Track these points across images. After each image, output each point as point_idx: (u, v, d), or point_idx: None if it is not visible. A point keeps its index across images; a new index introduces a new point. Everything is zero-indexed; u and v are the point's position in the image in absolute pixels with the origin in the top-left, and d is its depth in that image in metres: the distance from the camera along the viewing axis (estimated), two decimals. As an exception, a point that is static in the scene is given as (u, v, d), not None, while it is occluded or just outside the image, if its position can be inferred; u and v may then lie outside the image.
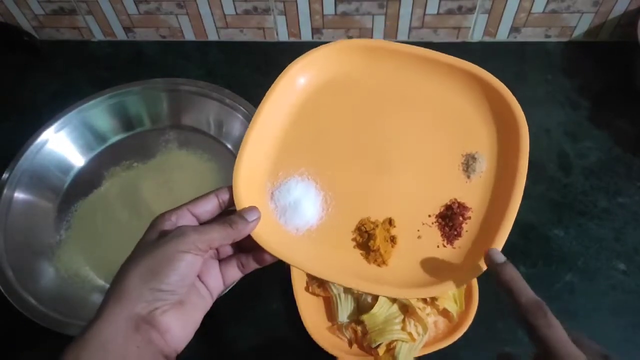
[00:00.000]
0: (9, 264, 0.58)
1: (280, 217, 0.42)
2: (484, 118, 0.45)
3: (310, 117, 0.46)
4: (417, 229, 0.41)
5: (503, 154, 0.43)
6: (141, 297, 0.33)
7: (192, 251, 0.35)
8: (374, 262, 0.40)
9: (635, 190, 0.64)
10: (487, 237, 0.39)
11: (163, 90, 0.72)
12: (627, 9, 0.73)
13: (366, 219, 0.41)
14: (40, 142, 0.67)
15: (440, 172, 0.43)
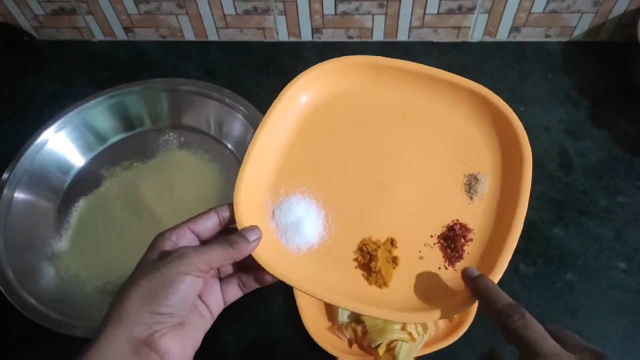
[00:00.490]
0: (8, 264, 0.58)
1: (282, 236, 0.41)
2: (487, 138, 0.45)
3: (311, 135, 0.46)
4: (419, 250, 0.41)
5: (506, 176, 0.43)
6: (140, 320, 0.33)
7: (193, 273, 0.34)
8: (375, 283, 0.39)
9: (635, 190, 0.64)
10: (488, 260, 0.38)
11: (163, 90, 0.72)
12: (627, 9, 0.73)
13: (368, 239, 0.41)
14: (41, 142, 0.67)
15: (442, 192, 0.43)
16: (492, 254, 0.39)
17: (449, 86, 0.46)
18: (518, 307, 0.34)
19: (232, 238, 0.38)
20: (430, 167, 0.44)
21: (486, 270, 0.38)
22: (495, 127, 0.45)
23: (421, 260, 0.40)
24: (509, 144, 0.43)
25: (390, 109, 0.47)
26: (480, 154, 0.44)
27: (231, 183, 0.66)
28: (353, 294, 0.38)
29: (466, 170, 0.43)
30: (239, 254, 0.37)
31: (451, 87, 0.46)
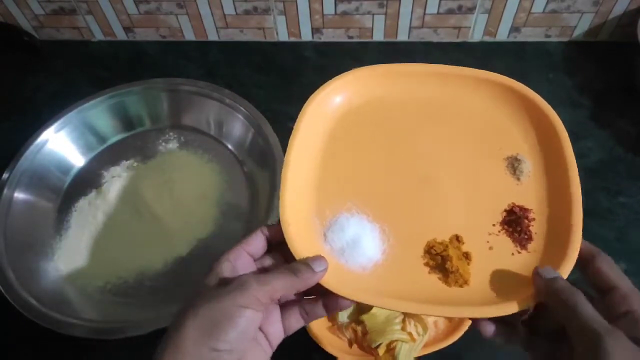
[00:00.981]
0: (9, 264, 0.58)
1: (340, 258, 0.39)
2: (517, 123, 0.45)
3: (343, 146, 0.45)
4: (487, 241, 0.39)
5: (544, 151, 0.43)
6: (199, 356, 0.31)
7: (253, 306, 0.32)
8: (455, 283, 0.37)
9: (636, 190, 0.64)
10: (559, 234, 0.38)
11: (163, 90, 0.72)
12: (627, 9, 0.73)
13: (433, 241, 0.39)
14: (41, 142, 0.67)
15: (489, 179, 0.42)
16: (561, 228, 0.38)
17: (473, 81, 0.46)
18: (616, 331, 0.30)
19: (296, 266, 0.35)
20: (470, 157, 0.44)
21: (560, 246, 0.37)
22: (522, 111, 0.45)
23: (491, 250, 0.39)
24: (539, 124, 0.44)
25: (421, 109, 0.47)
26: (514, 137, 0.44)
27: (231, 183, 0.67)
28: (435, 300, 0.36)
29: (504, 153, 0.43)
30: (303, 283, 0.35)
31: (475, 81, 0.46)
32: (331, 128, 0.46)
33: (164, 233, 0.62)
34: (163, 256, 0.61)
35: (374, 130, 0.46)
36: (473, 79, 0.46)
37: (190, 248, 0.61)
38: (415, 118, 0.46)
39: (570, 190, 0.39)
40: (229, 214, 0.64)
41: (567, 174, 0.40)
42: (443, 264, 0.38)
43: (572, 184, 0.39)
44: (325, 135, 0.45)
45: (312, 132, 0.44)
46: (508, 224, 0.40)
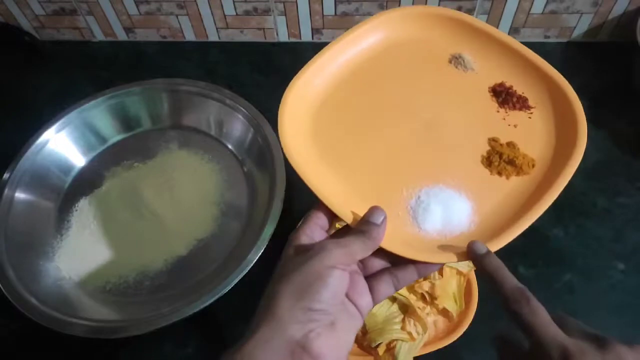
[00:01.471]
0: (9, 264, 0.58)
1: (447, 234, 0.39)
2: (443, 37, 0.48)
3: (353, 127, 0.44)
4: (508, 124, 0.43)
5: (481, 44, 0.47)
6: (294, 318, 0.32)
7: (339, 265, 0.34)
8: (529, 167, 0.41)
9: (634, 191, 0.64)
10: (545, 81, 0.45)
11: (163, 91, 0.72)
12: (626, 10, 0.73)
13: (487, 155, 0.41)
14: (41, 142, 0.67)
15: (459, 83, 0.46)
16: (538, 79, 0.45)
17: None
18: (525, 291, 0.35)
19: (362, 229, 0.36)
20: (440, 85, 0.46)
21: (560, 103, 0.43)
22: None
23: (517, 127, 0.43)
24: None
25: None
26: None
27: (231, 183, 0.67)
28: (533, 195, 0.39)
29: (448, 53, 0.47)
30: (375, 241, 0.36)
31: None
32: (312, 127, 0.44)
33: (164, 233, 0.62)
34: (163, 256, 0.61)
35: (352, 105, 0.45)
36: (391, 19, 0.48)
37: (190, 248, 0.62)
38: (376, 77, 0.46)
39: (524, 55, 0.46)
40: (229, 213, 0.64)
41: (511, 47, 0.46)
42: (512, 163, 0.40)
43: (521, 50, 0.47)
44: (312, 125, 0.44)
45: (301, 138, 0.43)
46: (504, 103, 0.44)
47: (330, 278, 0.33)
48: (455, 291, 0.53)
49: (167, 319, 0.52)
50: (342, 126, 0.44)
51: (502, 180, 0.40)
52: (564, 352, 0.31)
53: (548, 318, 0.33)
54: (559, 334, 0.33)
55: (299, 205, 0.63)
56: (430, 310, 0.53)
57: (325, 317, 0.33)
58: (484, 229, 0.38)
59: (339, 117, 0.44)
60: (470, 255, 0.37)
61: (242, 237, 0.62)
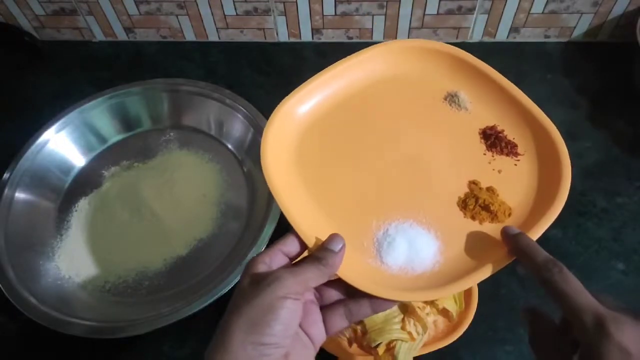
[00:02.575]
0: (9, 264, 0.58)
1: (405, 273, 0.38)
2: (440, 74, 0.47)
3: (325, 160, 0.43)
4: (492, 168, 0.42)
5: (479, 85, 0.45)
6: (246, 354, 0.31)
7: (291, 295, 0.33)
8: (505, 215, 0.39)
9: (633, 191, 0.64)
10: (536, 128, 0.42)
11: (163, 91, 0.72)
12: (626, 10, 0.73)
13: (464, 198, 0.40)
14: (41, 142, 0.67)
15: (450, 122, 0.44)
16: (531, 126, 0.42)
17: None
18: (557, 262, 0.35)
19: (318, 255, 0.36)
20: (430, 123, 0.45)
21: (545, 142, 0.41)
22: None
23: (501, 173, 0.41)
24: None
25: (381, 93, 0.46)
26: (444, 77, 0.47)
27: (231, 183, 0.67)
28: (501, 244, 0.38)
29: (442, 94, 0.46)
30: (331, 269, 0.35)
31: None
32: (296, 153, 0.43)
33: (164, 233, 0.62)
34: (163, 256, 0.61)
35: (339, 134, 0.44)
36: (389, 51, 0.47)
37: (189, 248, 0.62)
38: (366, 108, 0.45)
39: (519, 100, 0.43)
40: (229, 213, 0.64)
41: (506, 91, 0.44)
42: (487, 209, 0.39)
43: (516, 95, 0.43)
44: (294, 157, 0.43)
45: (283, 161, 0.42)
46: (492, 146, 0.42)
47: (282, 310, 0.32)
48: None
49: (166, 319, 0.52)
50: (326, 153, 0.43)
51: (475, 224, 0.39)
52: (599, 317, 0.31)
53: (581, 286, 0.33)
54: (592, 301, 0.32)
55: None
56: (430, 310, 0.53)
57: (277, 350, 0.32)
58: (447, 271, 0.37)
59: (324, 144, 0.43)
60: (504, 238, 0.38)
61: (241, 237, 0.62)
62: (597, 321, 0.31)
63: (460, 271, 0.37)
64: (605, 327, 0.30)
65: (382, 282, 0.36)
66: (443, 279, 0.36)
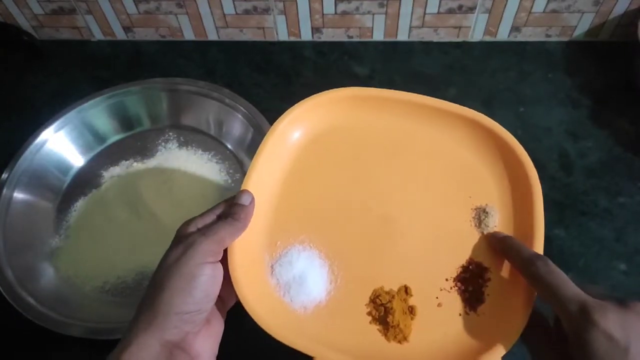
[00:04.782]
0: (8, 264, 0.58)
1: (285, 295, 0.38)
2: (491, 168, 0.42)
3: (304, 177, 0.43)
4: (436, 296, 0.38)
5: (515, 206, 0.40)
6: (171, 323, 0.33)
7: (209, 260, 0.34)
8: (394, 339, 0.36)
9: (636, 190, 0.63)
10: (511, 300, 0.36)
11: (163, 90, 0.72)
12: (628, 9, 0.73)
13: (380, 289, 0.38)
14: (40, 142, 0.67)
15: (452, 229, 0.40)
16: (514, 293, 0.36)
17: (447, 115, 0.43)
18: (542, 256, 0.36)
19: (230, 211, 0.38)
20: (435, 202, 0.41)
21: (510, 314, 0.36)
22: (499, 156, 0.42)
23: (439, 307, 0.37)
24: (515, 174, 0.41)
25: (385, 142, 0.44)
26: (486, 185, 0.41)
27: (230, 182, 0.67)
28: (372, 354, 0.35)
29: (473, 203, 0.41)
30: (243, 222, 0.37)
31: (449, 115, 0.43)
32: (294, 158, 0.44)
33: (163, 233, 0.61)
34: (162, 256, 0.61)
35: (340, 162, 0.43)
36: (446, 113, 0.43)
37: (189, 248, 0.61)
38: (387, 149, 0.43)
39: None
40: (229, 214, 0.64)
41: (532, 234, 0.38)
42: (385, 316, 0.36)
43: (535, 247, 0.37)
44: (287, 166, 0.43)
45: (272, 163, 0.43)
46: (462, 281, 0.38)
47: (201, 277, 0.34)
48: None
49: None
50: (314, 163, 0.44)
51: (365, 319, 0.38)
52: (583, 306, 0.31)
53: (566, 277, 0.34)
54: (577, 291, 0.33)
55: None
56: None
57: (200, 316, 0.34)
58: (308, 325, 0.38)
59: (314, 166, 0.44)
60: (493, 240, 0.40)
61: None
62: (582, 309, 0.31)
63: (315, 336, 0.37)
64: (590, 314, 0.31)
65: (281, 320, 0.37)
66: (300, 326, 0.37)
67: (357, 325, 0.37)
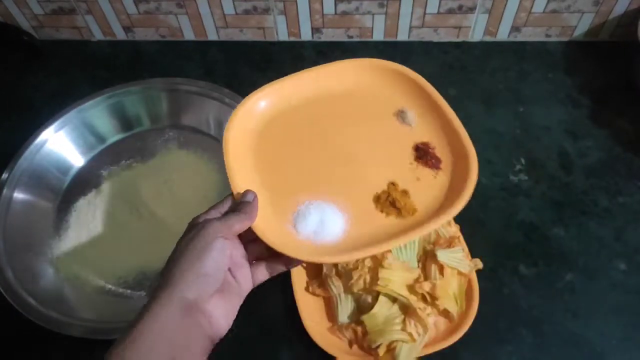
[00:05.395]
0: (8, 264, 0.58)
1: (315, 241, 0.46)
2: (399, 91, 0.54)
3: (276, 149, 0.51)
4: (413, 176, 0.49)
5: (424, 106, 0.52)
6: (188, 282, 0.38)
7: (220, 235, 0.40)
8: (409, 214, 0.46)
9: (635, 190, 0.63)
10: (457, 151, 0.49)
11: (163, 90, 0.72)
12: (628, 9, 0.73)
13: (378, 194, 0.48)
14: (40, 142, 0.67)
15: (391, 134, 0.51)
16: (457, 148, 0.49)
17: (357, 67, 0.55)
18: None
19: (237, 207, 0.44)
20: (371, 125, 0.52)
21: (463, 158, 0.48)
22: (402, 82, 0.54)
23: (419, 180, 0.49)
24: (419, 91, 0.53)
25: (326, 104, 0.54)
26: (395, 98, 0.54)
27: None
28: (401, 229, 0.45)
29: (392, 110, 0.53)
30: (249, 215, 0.43)
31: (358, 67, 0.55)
32: (255, 139, 0.52)
33: (164, 232, 0.62)
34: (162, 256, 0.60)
35: (294, 129, 0.52)
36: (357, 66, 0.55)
37: (189, 248, 0.61)
38: (324, 111, 0.53)
39: (452, 122, 0.50)
40: (229, 213, 0.64)
41: (445, 113, 0.51)
42: (394, 205, 0.47)
43: (451, 118, 0.50)
44: (255, 146, 0.51)
45: (241, 144, 0.50)
46: (420, 158, 0.50)
47: (213, 249, 0.39)
48: (456, 292, 0.53)
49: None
50: (279, 142, 0.52)
51: (382, 216, 0.47)
52: None
53: None
54: None
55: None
56: (431, 310, 0.52)
57: (213, 282, 0.39)
58: (345, 247, 0.45)
59: (279, 135, 0.52)
60: None
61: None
62: None
63: (357, 247, 0.44)
64: None
65: (291, 244, 0.45)
66: (339, 251, 0.44)
67: (380, 222, 0.47)
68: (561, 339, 0.54)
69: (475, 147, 0.47)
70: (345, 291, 0.54)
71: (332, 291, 0.54)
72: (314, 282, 0.56)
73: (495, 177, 0.65)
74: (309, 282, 0.56)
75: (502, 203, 0.63)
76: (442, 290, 0.51)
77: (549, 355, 0.53)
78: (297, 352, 0.55)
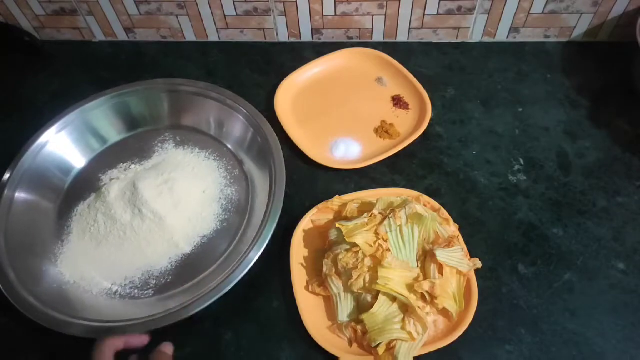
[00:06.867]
0: (10, 265, 0.58)
1: (344, 159, 0.69)
2: (378, 69, 0.79)
3: (306, 111, 0.75)
4: (395, 115, 0.73)
5: (395, 74, 0.77)
6: None
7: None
8: (396, 136, 0.71)
9: (634, 190, 0.64)
10: (419, 100, 0.74)
11: (163, 91, 0.72)
12: (626, 10, 0.73)
13: (377, 127, 0.72)
14: (41, 143, 0.67)
15: (376, 92, 0.76)
16: (418, 98, 0.74)
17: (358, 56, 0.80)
18: None
19: None
20: (361, 90, 0.77)
21: (421, 105, 0.73)
22: (377, 63, 0.79)
23: (398, 117, 0.73)
24: (390, 67, 0.78)
25: (331, 81, 0.78)
26: (376, 72, 0.79)
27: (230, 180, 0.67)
28: (390, 148, 0.68)
29: (372, 78, 0.78)
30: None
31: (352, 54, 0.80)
32: (291, 104, 0.75)
33: (167, 231, 0.62)
34: (167, 254, 0.61)
35: (316, 95, 0.76)
36: (349, 53, 0.80)
37: (193, 245, 0.62)
38: (333, 82, 0.78)
39: (412, 81, 0.75)
40: (230, 209, 0.65)
41: (406, 76, 0.76)
42: (387, 132, 0.71)
43: (411, 79, 0.75)
44: (291, 109, 0.75)
45: (284, 110, 0.74)
46: (396, 104, 0.74)
47: None
48: (455, 291, 0.53)
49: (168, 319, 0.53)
50: (309, 102, 0.76)
51: (380, 140, 0.71)
52: None
53: None
54: None
55: (299, 203, 0.63)
56: (430, 310, 0.53)
57: None
58: (363, 159, 0.68)
59: (308, 98, 0.76)
60: None
61: (243, 233, 0.62)
62: None
63: (366, 158, 0.68)
64: None
65: (334, 163, 0.68)
66: (360, 160, 0.68)
67: (380, 145, 0.71)
68: (560, 338, 0.54)
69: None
70: (345, 290, 0.54)
71: (332, 290, 0.54)
72: (314, 282, 0.56)
73: (494, 177, 0.66)
74: (309, 282, 0.57)
75: (501, 203, 0.64)
76: (442, 289, 0.52)
77: (548, 354, 0.53)
78: (297, 351, 0.55)
